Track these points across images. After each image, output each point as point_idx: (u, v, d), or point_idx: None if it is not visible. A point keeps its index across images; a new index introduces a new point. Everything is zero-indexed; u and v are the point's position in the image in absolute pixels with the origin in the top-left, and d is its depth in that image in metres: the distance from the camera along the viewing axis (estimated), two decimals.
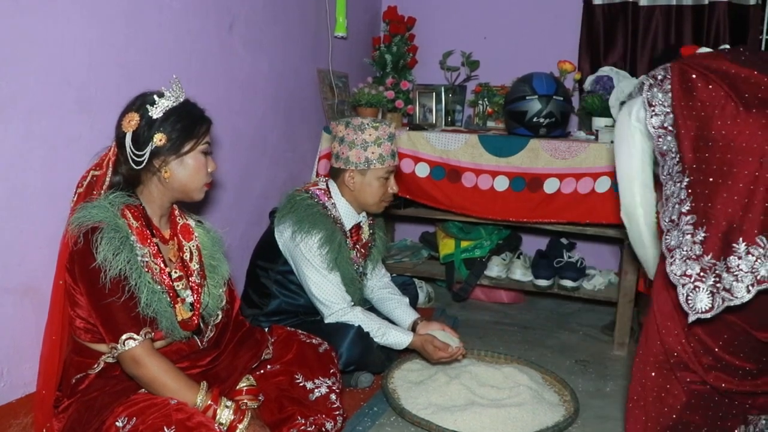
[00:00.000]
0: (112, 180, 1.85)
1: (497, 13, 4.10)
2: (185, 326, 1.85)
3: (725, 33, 3.58)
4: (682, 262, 1.56)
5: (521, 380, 2.61)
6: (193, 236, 2.00)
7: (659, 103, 1.71)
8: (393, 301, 2.82)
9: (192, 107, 1.90)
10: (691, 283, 1.54)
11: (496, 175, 3.22)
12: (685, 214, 1.57)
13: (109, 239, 1.70)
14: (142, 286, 1.74)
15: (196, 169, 1.87)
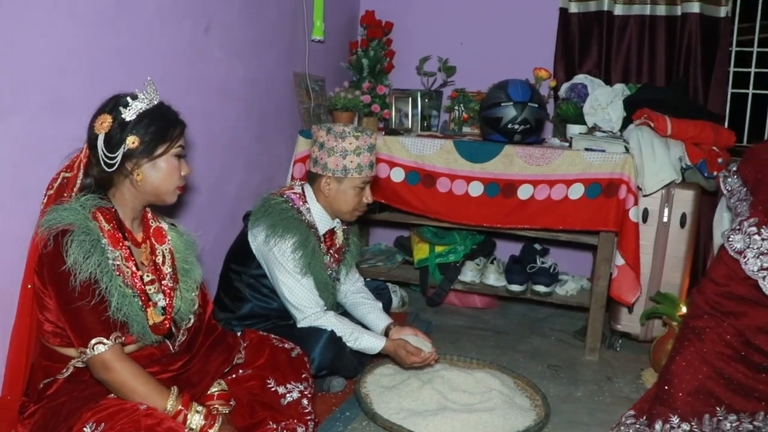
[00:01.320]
0: (83, 182, 1.83)
1: (474, 20, 4.12)
2: (157, 330, 1.84)
3: (697, 43, 3.63)
4: (756, 258, 1.86)
5: (493, 385, 2.63)
6: (166, 239, 1.99)
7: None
8: (366, 305, 2.83)
9: (166, 110, 1.88)
10: (734, 233, 1.90)
11: (471, 180, 3.24)
12: (746, 219, 1.90)
13: (79, 242, 1.68)
14: (112, 290, 1.72)
15: (168, 172, 1.86)
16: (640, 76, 3.77)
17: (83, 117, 1.95)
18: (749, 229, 1.89)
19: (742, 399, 1.96)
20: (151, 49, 2.47)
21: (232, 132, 3.06)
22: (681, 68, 3.70)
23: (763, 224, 1.88)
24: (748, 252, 1.87)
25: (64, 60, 2.08)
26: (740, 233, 1.90)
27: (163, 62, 2.54)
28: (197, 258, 2.08)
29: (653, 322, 3.22)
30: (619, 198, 3.04)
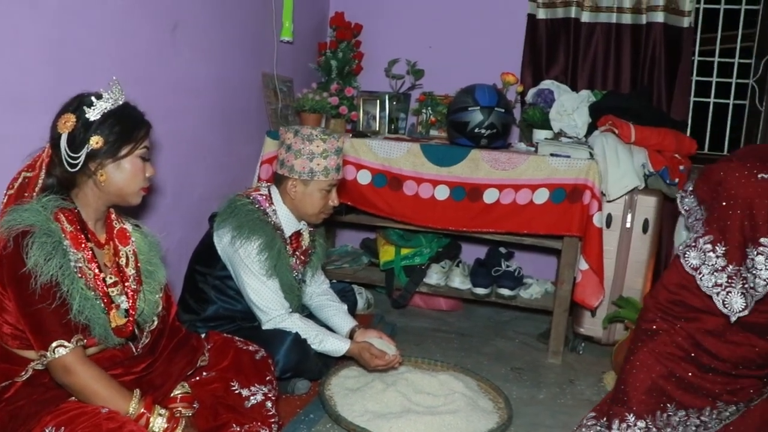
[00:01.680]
0: (45, 182, 1.80)
1: (443, 24, 4.14)
2: (119, 333, 1.82)
3: (661, 52, 3.70)
4: (710, 275, 1.91)
5: (456, 387, 2.65)
6: (130, 241, 1.96)
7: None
8: (331, 308, 2.83)
9: (131, 110, 1.86)
10: (723, 290, 1.89)
11: (437, 184, 3.25)
12: (701, 236, 1.96)
13: (40, 244, 1.65)
14: (74, 293, 1.70)
15: (132, 173, 1.83)
16: (606, 83, 3.82)
17: (46, 116, 1.92)
18: (704, 246, 1.94)
19: (691, 396, 2.03)
20: (116, 47, 2.45)
21: (198, 132, 3.03)
22: (645, 76, 3.76)
23: (717, 242, 1.93)
24: (703, 268, 1.93)
25: (27, 57, 2.05)
26: (695, 250, 1.95)
27: (129, 61, 2.52)
28: (161, 259, 2.06)
29: (615, 326, 3.27)
30: (583, 203, 3.08)
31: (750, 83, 3.82)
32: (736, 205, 1.93)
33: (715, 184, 2.02)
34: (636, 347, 2.11)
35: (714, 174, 2.04)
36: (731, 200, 1.94)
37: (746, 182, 1.94)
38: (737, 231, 1.91)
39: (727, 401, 2.05)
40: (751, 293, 1.86)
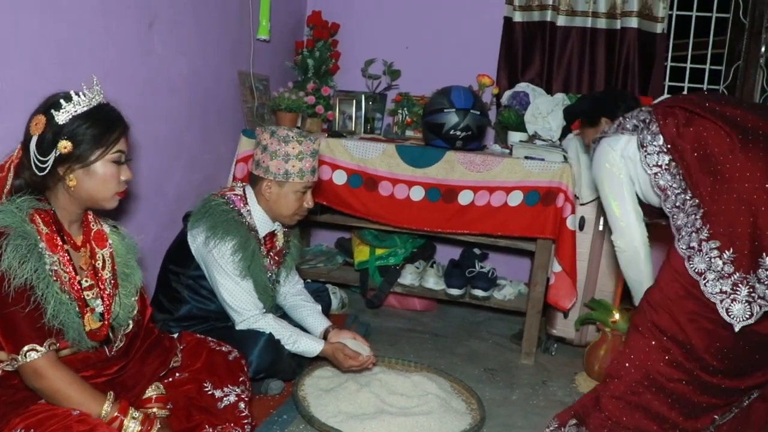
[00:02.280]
0: (14, 183, 1.77)
1: (420, 25, 4.15)
2: (93, 336, 1.80)
3: (635, 57, 3.74)
4: (716, 282, 1.83)
5: (430, 388, 2.66)
6: (107, 243, 1.93)
7: (650, 143, 2.06)
8: (305, 308, 2.83)
9: (106, 112, 1.80)
10: (728, 298, 1.81)
11: (413, 185, 3.27)
12: (706, 241, 1.86)
13: (15, 246, 1.62)
14: (49, 297, 1.67)
15: (104, 179, 1.78)
16: (581, 87, 3.86)
17: (20, 114, 1.90)
18: (711, 252, 1.85)
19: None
20: (92, 43, 2.42)
21: (174, 130, 3.01)
22: (619, 80, 3.80)
23: (725, 248, 1.83)
24: (708, 274, 1.84)
25: (0, 54, 2.03)
26: (700, 255, 1.86)
27: (105, 57, 2.50)
28: (138, 262, 2.04)
29: (587, 328, 3.30)
30: (556, 206, 3.11)
31: (720, 89, 3.88)
32: (748, 212, 1.82)
33: (706, 162, 1.91)
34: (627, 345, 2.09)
35: (703, 143, 1.93)
36: (741, 205, 1.83)
37: (759, 188, 1.84)
38: (747, 239, 1.81)
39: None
40: (759, 303, 1.79)
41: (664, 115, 2.07)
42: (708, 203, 1.89)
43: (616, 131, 2.25)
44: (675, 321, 1.94)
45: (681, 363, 1.94)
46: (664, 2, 3.71)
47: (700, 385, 1.94)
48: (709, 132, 1.94)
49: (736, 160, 1.87)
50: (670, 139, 2.01)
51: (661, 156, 2.04)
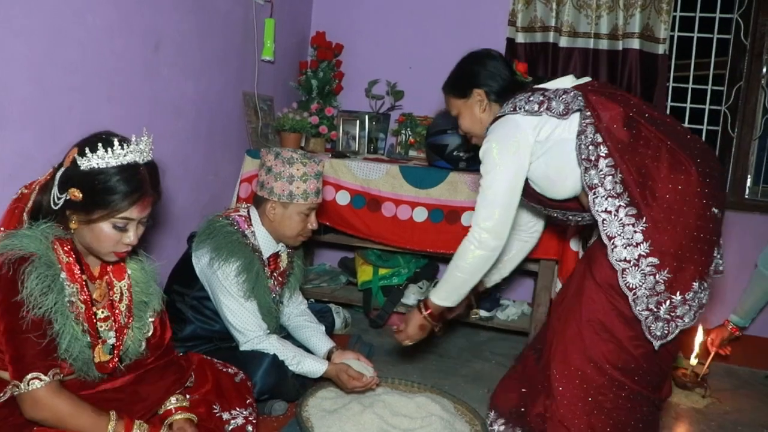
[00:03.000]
0: (35, 200, 1.76)
1: (423, 45, 4.18)
2: (101, 369, 1.80)
3: (637, 78, 3.76)
4: (645, 298, 1.85)
5: (433, 410, 2.65)
6: (125, 275, 1.91)
7: (587, 135, 1.95)
8: (309, 329, 2.83)
9: (129, 176, 1.70)
10: (652, 315, 1.85)
11: (416, 206, 3.28)
12: (645, 257, 1.85)
13: (39, 275, 1.62)
14: (65, 333, 1.67)
15: (102, 238, 1.74)
16: None
17: (26, 133, 1.93)
18: (647, 269, 1.85)
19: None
20: (99, 65, 2.45)
21: (178, 150, 3.04)
22: None
23: (662, 268, 1.84)
24: (639, 291, 1.86)
25: (8, 75, 2.05)
26: (638, 270, 1.86)
27: (111, 79, 2.53)
28: (158, 285, 2.02)
29: None
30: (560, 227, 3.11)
31: (722, 110, 3.89)
32: (693, 238, 1.86)
33: (642, 173, 1.89)
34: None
35: (642, 152, 1.90)
36: (677, 227, 1.85)
37: (698, 213, 1.87)
38: (693, 264, 1.86)
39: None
40: (677, 323, 1.86)
41: (603, 108, 1.97)
42: (649, 218, 1.85)
43: (537, 110, 2.05)
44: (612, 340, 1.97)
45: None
46: (666, 23, 3.73)
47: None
48: (648, 142, 1.91)
49: (667, 178, 1.87)
50: (609, 137, 1.93)
51: (595, 150, 1.94)
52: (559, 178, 2.09)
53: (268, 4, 3.61)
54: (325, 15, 4.33)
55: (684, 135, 1.97)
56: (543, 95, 2.07)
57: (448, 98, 2.44)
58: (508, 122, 2.11)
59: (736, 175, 3.85)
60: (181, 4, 2.90)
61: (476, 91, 2.33)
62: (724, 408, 3.15)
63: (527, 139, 2.08)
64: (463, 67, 2.42)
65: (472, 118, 2.37)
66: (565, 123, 2.04)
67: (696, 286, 1.86)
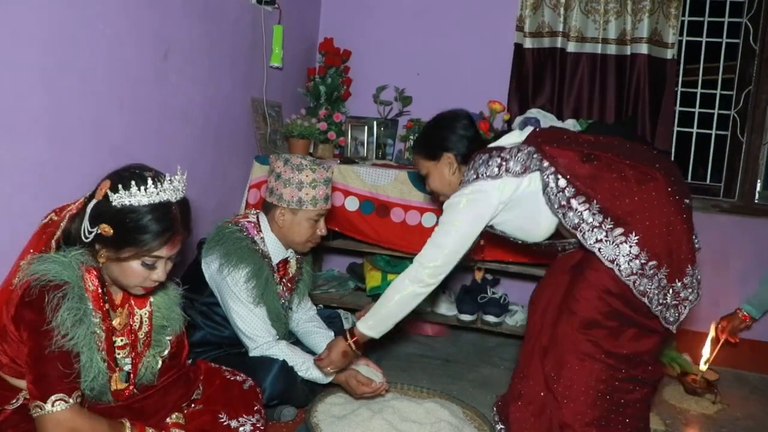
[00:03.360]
0: (65, 228, 1.76)
1: (431, 51, 4.18)
2: (117, 396, 1.82)
3: (645, 83, 3.75)
4: (656, 297, 2.09)
5: (442, 415, 2.65)
6: (147, 302, 1.92)
7: (552, 183, 2.16)
8: (318, 334, 2.84)
9: (161, 215, 1.70)
10: (664, 307, 2.10)
11: (425, 211, 3.28)
12: (646, 263, 2.06)
13: (71, 308, 1.63)
14: (91, 367, 1.68)
15: (129, 273, 1.74)
16: (591, 112, 3.87)
17: (37, 142, 1.94)
18: (649, 272, 2.08)
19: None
20: (109, 73, 2.47)
21: (187, 157, 3.05)
22: (630, 106, 3.81)
23: (661, 267, 2.07)
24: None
25: (19, 84, 2.07)
26: (643, 276, 2.07)
27: (121, 86, 2.54)
28: (181, 308, 2.03)
29: None
30: None
31: (731, 114, 3.88)
32: (676, 232, 2.09)
33: (617, 197, 2.10)
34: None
35: (606, 178, 2.13)
36: (662, 227, 2.08)
37: (675, 210, 2.10)
38: (683, 254, 2.11)
39: None
40: (684, 304, 2.15)
41: (559, 155, 2.16)
42: (638, 230, 2.06)
43: (497, 174, 2.22)
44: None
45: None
46: (674, 28, 3.72)
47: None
48: (609, 167, 2.13)
49: (639, 191, 2.10)
50: (573, 177, 2.13)
51: (564, 195, 2.14)
52: (532, 226, 2.31)
53: (277, 11, 3.62)
54: (333, 21, 4.35)
55: (635, 149, 2.23)
56: (500, 157, 2.24)
57: (417, 158, 2.58)
58: (472, 188, 2.27)
59: (745, 180, 3.83)
60: (190, 12, 2.91)
61: (446, 154, 2.47)
62: (734, 414, 3.14)
63: (492, 202, 2.25)
64: (434, 131, 2.55)
65: (441, 179, 2.51)
66: (526, 179, 2.23)
67: (690, 270, 2.13)
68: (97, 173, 2.38)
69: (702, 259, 3.76)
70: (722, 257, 3.76)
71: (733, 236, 3.74)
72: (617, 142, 2.24)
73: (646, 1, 3.72)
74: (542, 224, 2.29)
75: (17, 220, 2.10)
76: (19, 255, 1.78)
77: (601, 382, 2.16)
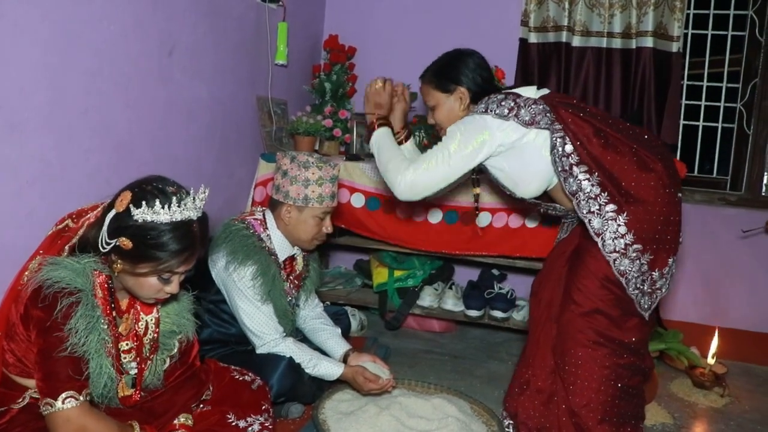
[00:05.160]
0: (81, 236, 1.76)
1: (437, 47, 4.11)
2: (125, 401, 1.83)
3: (651, 77, 3.73)
4: (634, 280, 2.15)
5: (450, 411, 2.65)
6: (154, 309, 1.91)
7: (560, 146, 2.19)
8: (325, 331, 2.84)
9: (182, 233, 1.69)
10: (640, 293, 2.17)
11: (430, 207, 3.28)
12: (630, 245, 2.13)
13: (84, 315, 1.64)
14: (99, 375, 1.69)
15: (144, 286, 1.74)
16: (597, 106, 3.85)
17: (43, 139, 1.94)
18: (632, 255, 2.15)
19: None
20: (114, 71, 2.47)
21: (193, 155, 3.05)
22: (636, 100, 3.80)
23: (645, 252, 2.15)
24: (630, 275, 2.15)
25: (24, 81, 2.07)
26: (626, 258, 2.14)
27: (127, 84, 2.54)
28: (191, 314, 2.03)
29: None
30: None
31: (738, 107, 3.87)
32: (666, 222, 2.15)
33: (617, 177, 2.15)
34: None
35: (612, 155, 2.17)
36: (653, 215, 2.14)
37: (668, 201, 2.16)
38: (667, 244, 2.18)
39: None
40: (656, 295, 2.22)
41: (573, 122, 2.20)
42: (629, 212, 2.13)
43: (506, 114, 2.23)
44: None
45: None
46: (679, 21, 3.71)
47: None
48: (616, 148, 2.17)
49: (639, 177, 2.15)
50: (581, 146, 2.17)
51: (568, 160, 2.18)
52: (523, 179, 2.33)
53: (281, 8, 3.62)
54: (337, 18, 4.34)
55: (643, 136, 2.26)
56: (514, 102, 2.25)
57: (427, 88, 2.55)
58: (476, 121, 2.28)
59: (752, 173, 3.82)
60: (194, 10, 2.92)
61: (460, 89, 2.46)
62: (742, 407, 3.13)
63: (492, 137, 2.26)
64: (450, 63, 2.52)
65: (449, 113, 2.48)
66: (532, 132, 2.25)
67: (671, 261, 2.20)
68: (103, 171, 2.41)
69: (708, 253, 3.77)
70: (729, 250, 3.75)
71: (741, 229, 3.73)
72: (622, 126, 2.28)
73: None
74: (533, 182, 2.33)
75: (23, 218, 2.11)
76: (30, 256, 1.78)
77: (606, 368, 2.20)
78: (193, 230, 1.72)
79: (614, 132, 2.21)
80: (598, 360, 2.21)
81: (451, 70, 2.49)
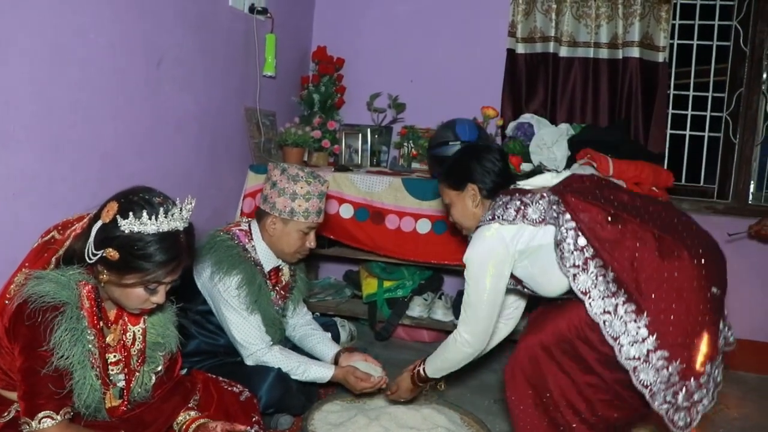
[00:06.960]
0: (67, 249, 1.75)
1: (424, 58, 4.19)
2: (112, 412, 1.82)
3: (638, 86, 3.76)
4: (662, 393, 1.84)
5: (439, 422, 2.65)
6: (141, 320, 1.91)
7: (566, 241, 1.98)
8: (315, 336, 2.84)
9: (168, 244, 1.68)
10: (671, 407, 1.85)
11: (419, 218, 3.29)
12: (654, 351, 1.83)
13: (68, 329, 1.63)
14: (84, 385, 1.68)
15: (130, 296, 1.73)
16: (584, 116, 3.88)
17: (30, 153, 1.94)
18: (658, 363, 1.85)
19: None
20: (102, 83, 2.47)
21: (181, 166, 3.05)
22: (623, 110, 3.82)
23: (674, 359, 1.85)
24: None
25: (11, 94, 2.07)
26: (648, 364, 1.85)
27: (114, 96, 2.54)
28: (175, 326, 2.02)
29: None
30: None
31: (724, 116, 3.89)
32: (697, 323, 1.87)
33: (636, 270, 1.91)
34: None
35: (632, 249, 1.93)
36: (681, 315, 1.87)
37: (697, 297, 1.89)
38: (702, 348, 1.88)
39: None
40: (697, 407, 1.92)
41: (582, 210, 1.99)
42: (650, 311, 1.86)
43: (513, 218, 2.11)
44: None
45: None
46: (665, 32, 3.74)
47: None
48: (634, 234, 1.94)
49: (661, 267, 1.89)
50: (594, 237, 1.95)
51: (581, 255, 1.97)
52: (545, 280, 2.15)
53: (269, 20, 3.63)
54: (326, 30, 4.36)
55: (671, 220, 2.01)
56: (520, 201, 2.12)
57: (441, 187, 2.49)
58: (487, 237, 2.17)
59: (739, 181, 3.84)
60: (182, 21, 2.92)
61: (470, 186, 2.36)
62: (731, 414, 3.14)
63: (507, 252, 2.14)
64: (461, 161, 2.44)
65: (464, 210, 2.41)
66: (542, 230, 2.10)
67: (708, 368, 1.87)
68: (91, 183, 2.41)
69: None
70: None
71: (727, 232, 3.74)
72: (653, 208, 2.05)
73: (637, 6, 3.74)
74: (553, 281, 2.13)
75: (11, 231, 2.10)
76: (16, 269, 1.77)
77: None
78: (180, 241, 1.71)
79: (632, 216, 1.97)
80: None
81: (461, 167, 2.42)
